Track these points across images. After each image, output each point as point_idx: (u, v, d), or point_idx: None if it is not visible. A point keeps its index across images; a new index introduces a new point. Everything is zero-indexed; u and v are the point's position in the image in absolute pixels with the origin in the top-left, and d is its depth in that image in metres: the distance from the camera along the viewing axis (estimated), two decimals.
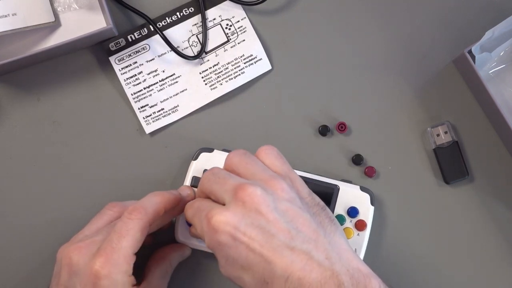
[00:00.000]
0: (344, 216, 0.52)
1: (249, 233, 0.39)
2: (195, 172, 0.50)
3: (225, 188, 0.42)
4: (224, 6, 0.63)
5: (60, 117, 0.61)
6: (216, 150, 0.51)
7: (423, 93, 0.62)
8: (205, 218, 0.41)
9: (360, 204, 0.53)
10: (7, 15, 0.59)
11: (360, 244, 0.51)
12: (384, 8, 0.63)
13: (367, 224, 0.53)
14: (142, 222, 0.45)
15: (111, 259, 0.43)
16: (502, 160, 0.61)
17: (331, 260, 0.38)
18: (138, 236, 0.45)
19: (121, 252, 0.44)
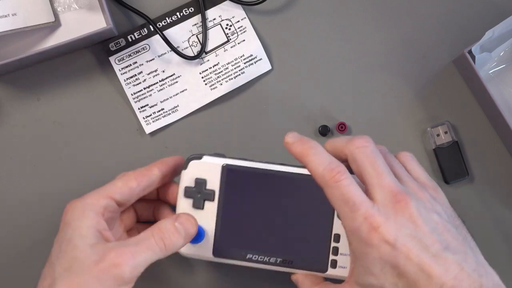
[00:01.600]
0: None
1: (408, 244, 0.40)
2: (187, 182, 0.49)
3: (382, 184, 0.42)
4: (224, 6, 0.63)
5: (60, 117, 0.61)
6: (206, 156, 0.49)
7: (423, 93, 0.62)
8: (365, 222, 0.40)
9: None
10: (7, 15, 0.59)
11: None
12: (384, 9, 0.63)
13: None
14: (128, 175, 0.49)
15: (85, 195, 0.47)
16: (502, 160, 0.61)
17: (479, 273, 0.41)
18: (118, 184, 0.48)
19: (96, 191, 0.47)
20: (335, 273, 0.48)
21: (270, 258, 0.48)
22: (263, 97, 0.62)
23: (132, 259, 0.42)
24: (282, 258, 0.48)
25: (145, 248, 0.43)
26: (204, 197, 0.49)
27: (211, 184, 0.49)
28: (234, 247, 0.49)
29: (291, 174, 0.49)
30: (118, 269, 0.41)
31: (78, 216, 0.45)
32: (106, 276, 0.41)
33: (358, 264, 0.41)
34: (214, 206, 0.49)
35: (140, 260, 0.42)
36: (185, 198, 0.49)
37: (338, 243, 0.48)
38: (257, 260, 0.48)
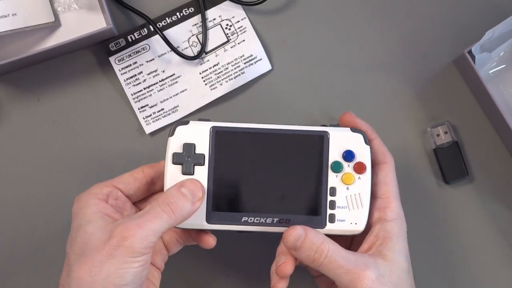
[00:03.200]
0: (340, 162, 0.48)
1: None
2: (175, 148, 0.47)
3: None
4: (224, 6, 0.63)
5: (60, 117, 0.61)
6: (192, 121, 0.48)
7: (423, 93, 0.62)
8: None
9: (355, 146, 0.48)
10: (7, 15, 0.59)
11: (364, 188, 0.48)
12: (384, 9, 0.63)
13: (366, 166, 0.48)
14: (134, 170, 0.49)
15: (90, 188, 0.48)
16: (502, 160, 0.61)
17: None
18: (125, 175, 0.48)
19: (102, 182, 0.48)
20: (334, 228, 0.47)
21: (267, 218, 0.47)
22: (263, 97, 0.62)
23: (139, 230, 0.41)
24: (278, 218, 0.47)
25: (152, 217, 0.43)
26: (194, 162, 0.47)
27: (200, 148, 0.47)
28: (228, 211, 0.47)
29: (281, 131, 0.48)
30: (127, 241, 0.41)
31: (83, 205, 0.45)
32: (117, 251, 0.41)
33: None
34: (204, 170, 0.47)
35: (148, 229, 0.42)
36: (174, 165, 0.47)
37: (334, 197, 0.47)
38: (253, 222, 0.47)
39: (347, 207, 0.47)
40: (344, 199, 0.47)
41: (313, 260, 0.45)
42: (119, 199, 0.47)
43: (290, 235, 0.45)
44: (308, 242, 0.45)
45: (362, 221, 0.47)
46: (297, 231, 0.45)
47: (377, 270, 0.44)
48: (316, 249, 0.44)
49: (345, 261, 0.44)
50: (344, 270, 0.44)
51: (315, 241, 0.45)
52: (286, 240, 0.45)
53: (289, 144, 0.48)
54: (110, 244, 0.41)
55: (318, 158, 0.46)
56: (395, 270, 0.45)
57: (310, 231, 0.45)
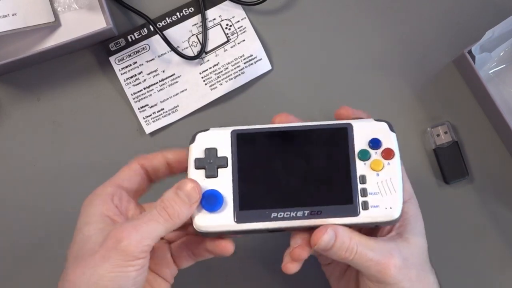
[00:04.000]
0: (367, 150, 0.47)
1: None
2: (197, 154, 0.46)
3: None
4: (224, 6, 0.63)
5: (60, 117, 0.61)
6: (212, 128, 0.47)
7: (423, 93, 0.62)
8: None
9: (380, 134, 0.47)
10: (7, 15, 0.59)
11: (394, 172, 0.46)
12: (383, 9, 0.63)
13: (394, 151, 0.47)
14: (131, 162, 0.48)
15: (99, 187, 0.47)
16: (502, 160, 0.61)
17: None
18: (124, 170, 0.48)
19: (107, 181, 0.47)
20: (369, 215, 0.45)
21: (297, 212, 0.45)
22: (263, 97, 0.62)
23: (134, 232, 0.40)
24: (309, 210, 0.45)
25: (147, 219, 0.42)
26: (217, 164, 0.46)
27: (222, 151, 0.46)
28: (257, 209, 0.45)
29: (303, 127, 0.47)
30: (121, 243, 0.40)
31: (86, 207, 0.44)
32: (111, 253, 0.40)
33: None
34: (228, 171, 0.46)
35: (143, 232, 0.41)
36: (197, 170, 0.46)
37: (365, 184, 0.46)
38: (283, 217, 0.45)
39: (380, 193, 0.46)
40: (376, 186, 0.45)
41: (344, 258, 0.44)
42: (123, 199, 0.46)
43: (322, 240, 0.43)
44: (339, 243, 0.44)
45: (397, 206, 0.45)
46: (328, 235, 0.43)
47: (401, 256, 0.44)
48: (347, 248, 0.44)
49: (373, 252, 0.44)
50: (374, 263, 0.44)
51: (345, 241, 0.44)
52: (317, 244, 0.44)
53: (313, 139, 0.47)
54: (104, 246, 0.40)
55: (344, 149, 0.45)
56: (417, 252, 0.46)
57: (339, 231, 0.44)
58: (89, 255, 0.40)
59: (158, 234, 0.42)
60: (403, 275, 0.44)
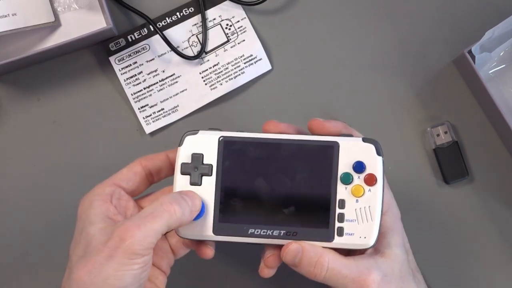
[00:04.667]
0: (350, 174, 0.47)
1: None
2: (184, 158, 0.47)
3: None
4: (224, 6, 0.63)
5: (60, 117, 0.61)
6: (201, 131, 0.48)
7: (423, 93, 0.62)
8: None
9: (366, 157, 0.47)
10: (7, 15, 0.59)
11: (374, 200, 0.46)
12: (383, 9, 0.63)
13: (377, 178, 0.47)
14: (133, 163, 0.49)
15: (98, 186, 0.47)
16: (502, 160, 0.61)
17: None
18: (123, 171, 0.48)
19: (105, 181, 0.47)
20: (342, 242, 0.46)
21: (274, 231, 0.46)
22: (263, 97, 0.62)
23: (138, 231, 0.41)
24: (286, 230, 0.46)
25: (151, 217, 0.42)
26: (202, 172, 0.47)
27: (208, 158, 0.47)
28: (235, 223, 0.47)
29: (290, 141, 0.47)
30: (126, 242, 0.40)
31: (87, 207, 0.45)
32: (116, 252, 0.40)
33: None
34: (212, 181, 0.47)
35: (147, 229, 0.41)
36: (182, 175, 0.47)
37: (343, 209, 0.46)
38: (260, 234, 0.46)
39: (356, 220, 0.46)
40: (354, 212, 0.46)
41: (315, 275, 0.44)
42: (121, 198, 0.47)
43: (287, 253, 0.45)
44: (306, 257, 0.44)
45: (372, 235, 0.46)
46: (293, 247, 0.45)
47: (380, 271, 0.44)
48: (315, 264, 0.44)
49: (348, 270, 0.44)
50: (350, 280, 0.44)
51: (313, 255, 0.44)
52: (284, 258, 0.45)
53: (299, 154, 0.47)
54: (109, 245, 0.41)
55: (328, 169, 0.46)
56: (396, 265, 0.45)
57: (306, 245, 0.45)
58: (94, 254, 0.41)
59: (161, 231, 0.42)
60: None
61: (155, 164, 0.49)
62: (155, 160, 0.49)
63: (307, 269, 0.44)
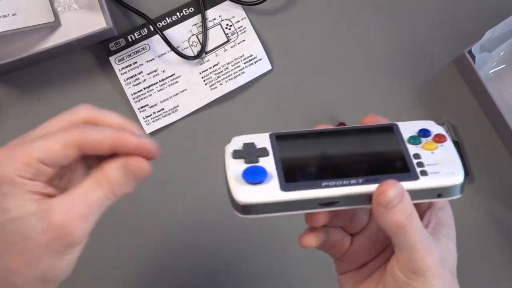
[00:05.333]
0: (417, 137, 0.43)
1: None
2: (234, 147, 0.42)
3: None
4: (224, 6, 0.63)
5: None
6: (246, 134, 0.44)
7: (423, 93, 0.62)
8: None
9: (428, 126, 0.44)
10: (7, 15, 0.59)
11: (449, 151, 0.42)
12: (383, 9, 0.63)
13: (446, 137, 0.43)
14: (71, 139, 0.39)
15: (9, 151, 0.38)
16: (502, 160, 0.61)
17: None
18: (56, 147, 0.38)
19: (24, 149, 0.38)
20: (430, 180, 0.41)
21: (351, 180, 0.40)
22: (263, 97, 0.62)
23: (82, 221, 0.37)
24: (365, 178, 0.40)
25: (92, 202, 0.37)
26: (257, 154, 0.42)
27: (261, 145, 0.42)
28: (305, 180, 0.40)
29: (346, 128, 0.44)
30: (69, 237, 0.37)
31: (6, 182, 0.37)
32: (57, 245, 0.37)
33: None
34: (270, 158, 0.41)
35: (91, 217, 0.37)
36: (234, 160, 0.41)
37: (420, 159, 0.42)
38: (336, 185, 0.40)
39: (437, 164, 0.41)
40: (432, 159, 0.42)
41: (401, 226, 0.39)
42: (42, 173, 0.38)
43: (390, 190, 0.38)
44: (404, 204, 0.39)
45: (460, 171, 0.41)
46: (398, 188, 0.39)
47: (439, 253, 0.41)
48: (408, 215, 0.39)
49: (424, 235, 0.40)
50: (422, 245, 0.39)
51: (409, 206, 0.39)
52: (383, 195, 0.39)
53: (358, 137, 0.44)
54: (48, 236, 0.36)
55: (393, 138, 0.42)
56: (450, 257, 0.42)
57: (407, 194, 0.39)
58: (30, 245, 0.37)
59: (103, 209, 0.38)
60: (440, 272, 0.40)
61: (95, 152, 0.39)
62: (97, 149, 0.39)
63: (396, 216, 0.39)
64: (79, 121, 0.42)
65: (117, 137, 0.40)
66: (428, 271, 0.39)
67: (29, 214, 0.37)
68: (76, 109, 0.41)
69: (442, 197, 0.41)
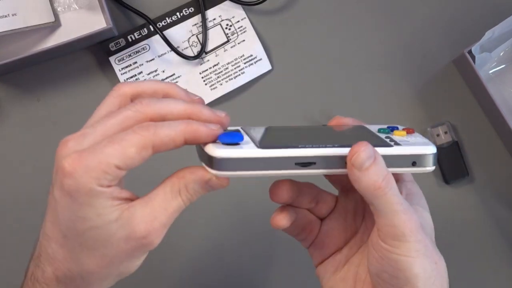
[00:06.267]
0: (387, 129, 0.44)
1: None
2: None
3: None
4: (224, 6, 0.63)
5: (60, 117, 0.61)
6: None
7: (423, 93, 0.62)
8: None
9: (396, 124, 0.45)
10: (7, 15, 0.59)
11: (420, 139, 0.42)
12: (384, 9, 0.63)
13: (414, 130, 0.43)
14: (145, 141, 0.38)
15: (83, 159, 0.37)
16: (502, 160, 0.61)
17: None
18: (131, 151, 0.37)
19: (99, 156, 0.37)
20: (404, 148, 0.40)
21: (326, 144, 0.39)
22: (263, 97, 0.62)
23: (163, 229, 0.37)
24: (340, 144, 0.39)
25: (171, 210, 0.38)
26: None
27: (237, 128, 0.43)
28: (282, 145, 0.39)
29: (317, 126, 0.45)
30: (148, 246, 0.37)
31: (86, 193, 0.37)
32: (136, 252, 0.37)
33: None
34: (248, 137, 0.41)
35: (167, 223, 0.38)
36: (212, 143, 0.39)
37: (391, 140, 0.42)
38: (312, 147, 0.39)
39: (409, 141, 0.41)
40: (403, 139, 0.41)
41: (378, 187, 0.38)
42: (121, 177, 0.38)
43: (362, 151, 0.37)
44: (379, 165, 0.38)
45: (431, 144, 0.40)
46: (370, 149, 0.38)
47: (418, 218, 0.39)
48: (384, 177, 0.38)
49: (402, 199, 0.39)
50: (403, 208, 0.38)
51: (385, 169, 0.38)
52: (355, 155, 0.38)
53: (333, 131, 0.44)
54: (130, 244, 0.37)
55: (364, 129, 0.43)
56: (427, 224, 0.41)
57: (380, 157, 0.38)
58: (113, 250, 0.37)
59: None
60: (422, 237, 0.39)
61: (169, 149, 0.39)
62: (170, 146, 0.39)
63: (374, 178, 0.38)
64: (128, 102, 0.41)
65: (188, 131, 0.39)
66: (411, 235, 0.38)
67: (111, 222, 0.37)
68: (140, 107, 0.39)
69: (416, 166, 0.40)
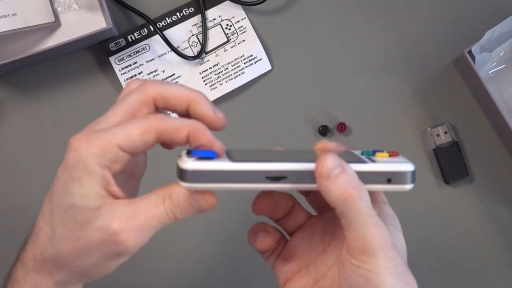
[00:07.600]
0: (370, 151, 0.42)
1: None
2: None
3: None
4: (224, 6, 0.63)
5: (59, 117, 0.61)
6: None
7: (423, 93, 0.62)
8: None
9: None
10: (7, 15, 0.59)
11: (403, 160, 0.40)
12: (384, 9, 0.63)
13: (399, 153, 0.41)
14: (149, 124, 0.38)
15: (90, 136, 0.38)
16: (502, 160, 0.61)
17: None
18: (134, 132, 0.38)
19: (104, 135, 0.38)
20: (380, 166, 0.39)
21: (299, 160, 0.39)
22: (263, 97, 0.62)
23: (140, 234, 0.37)
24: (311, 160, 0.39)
25: (152, 216, 0.37)
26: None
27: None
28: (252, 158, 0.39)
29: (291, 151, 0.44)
30: (123, 253, 0.37)
31: (81, 167, 0.38)
32: (110, 253, 0.37)
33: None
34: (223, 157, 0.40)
35: (148, 231, 0.37)
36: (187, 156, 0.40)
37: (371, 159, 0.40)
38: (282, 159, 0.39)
39: (388, 161, 0.40)
40: (383, 159, 0.40)
41: (349, 195, 0.36)
42: (118, 161, 0.38)
43: (327, 160, 0.37)
44: (348, 175, 0.37)
45: (410, 163, 0.39)
46: (336, 159, 0.37)
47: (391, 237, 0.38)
48: (355, 186, 0.37)
49: (374, 213, 0.37)
50: (374, 221, 0.37)
51: (356, 179, 0.37)
52: (321, 164, 0.37)
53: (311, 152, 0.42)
54: (102, 239, 0.36)
55: (344, 152, 0.41)
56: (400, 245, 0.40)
57: (349, 167, 0.37)
58: (86, 238, 0.37)
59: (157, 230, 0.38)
60: (392, 254, 0.37)
61: (171, 139, 0.39)
62: (174, 136, 0.39)
63: (343, 187, 0.36)
64: (149, 100, 0.40)
65: (193, 127, 0.39)
66: (381, 251, 0.37)
67: (91, 208, 0.37)
68: (143, 88, 0.39)
69: (392, 183, 0.39)
